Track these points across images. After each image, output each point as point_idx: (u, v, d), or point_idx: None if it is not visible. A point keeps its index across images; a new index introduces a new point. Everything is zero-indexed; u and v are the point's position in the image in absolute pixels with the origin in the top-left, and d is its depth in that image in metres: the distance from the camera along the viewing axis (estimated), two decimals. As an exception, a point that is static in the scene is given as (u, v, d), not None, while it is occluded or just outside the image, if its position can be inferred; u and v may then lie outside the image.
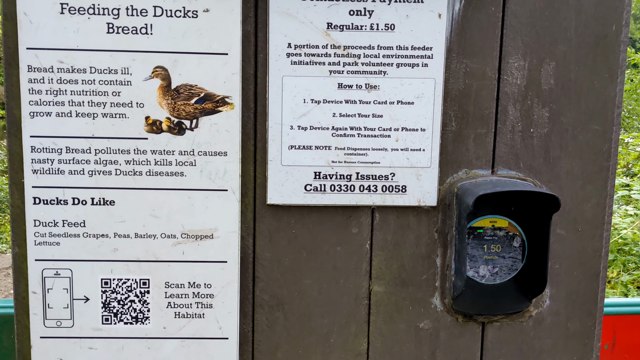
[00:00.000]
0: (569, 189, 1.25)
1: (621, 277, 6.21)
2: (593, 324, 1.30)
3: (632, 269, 6.35)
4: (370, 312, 1.28)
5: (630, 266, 6.40)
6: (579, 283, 1.29)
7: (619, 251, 6.73)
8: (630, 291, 5.92)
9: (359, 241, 1.26)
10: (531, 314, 1.29)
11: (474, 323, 1.29)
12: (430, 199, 1.24)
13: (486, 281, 1.27)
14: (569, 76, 1.22)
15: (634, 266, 6.40)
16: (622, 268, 6.39)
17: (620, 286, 6.01)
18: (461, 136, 1.23)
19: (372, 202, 1.24)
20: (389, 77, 1.20)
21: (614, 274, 6.30)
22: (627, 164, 9.07)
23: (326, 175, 1.22)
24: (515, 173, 1.24)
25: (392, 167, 1.23)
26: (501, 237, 1.26)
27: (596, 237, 1.27)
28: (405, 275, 1.27)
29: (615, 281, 6.09)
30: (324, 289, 1.27)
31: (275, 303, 1.27)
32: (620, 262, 6.47)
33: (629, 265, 6.40)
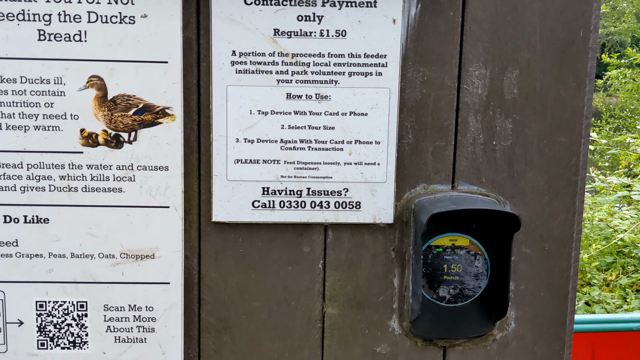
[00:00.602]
0: (534, 205, 1.18)
1: (619, 280, 6.14)
2: (561, 348, 1.23)
3: (631, 272, 6.28)
4: (324, 336, 1.21)
5: (629, 269, 6.32)
6: (546, 305, 1.21)
7: (618, 253, 6.65)
8: (628, 295, 5.85)
9: (311, 260, 1.18)
10: (495, 337, 1.21)
11: (435, 347, 1.22)
12: (386, 216, 1.17)
13: (446, 303, 1.19)
14: (534, 85, 1.14)
15: (633, 269, 6.33)
16: (621, 271, 6.32)
17: (619, 289, 5.94)
18: (419, 149, 1.15)
19: (324, 219, 1.16)
20: (341, 87, 1.12)
21: (612, 277, 6.23)
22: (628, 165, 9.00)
23: (275, 190, 1.15)
24: (477, 188, 1.17)
25: (345, 182, 1.15)
26: (462, 256, 1.18)
27: (564, 256, 1.19)
28: (361, 297, 1.19)
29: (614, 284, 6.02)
30: (275, 312, 1.19)
31: (222, 326, 1.19)
32: (619, 265, 6.40)
33: (628, 268, 6.33)
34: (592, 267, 6.39)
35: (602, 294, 5.85)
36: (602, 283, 6.29)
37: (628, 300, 5.83)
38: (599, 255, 6.54)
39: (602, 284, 6.27)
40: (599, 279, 6.32)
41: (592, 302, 5.84)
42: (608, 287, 6.17)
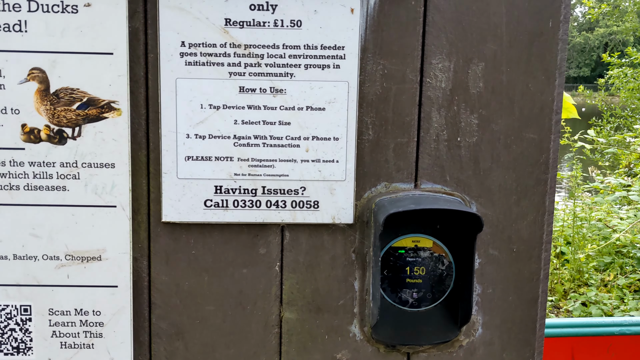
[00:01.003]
0: (501, 205, 1.12)
1: (617, 280, 6.08)
2: (531, 355, 1.17)
3: (629, 272, 6.22)
4: (282, 342, 1.15)
5: (627, 269, 6.27)
6: (514, 309, 1.15)
7: (617, 254, 6.60)
8: (626, 295, 5.79)
9: (267, 263, 1.13)
10: (462, 343, 1.16)
11: (398, 354, 1.16)
12: (346, 216, 1.11)
13: (409, 307, 1.14)
14: (500, 78, 1.08)
15: (632, 269, 6.28)
16: (619, 271, 6.27)
17: (616, 290, 5.89)
18: (379, 146, 1.10)
19: (281, 219, 1.11)
20: (297, 80, 1.06)
21: (610, 277, 6.18)
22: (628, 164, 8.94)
23: (228, 189, 1.09)
24: (441, 187, 1.11)
25: (302, 181, 1.09)
26: (425, 259, 1.13)
27: (533, 259, 1.14)
28: (320, 301, 1.14)
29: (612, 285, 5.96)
30: (229, 316, 1.14)
31: (174, 332, 1.13)
32: (617, 265, 6.35)
33: (627, 269, 6.27)
34: (589, 267, 6.34)
35: (599, 295, 5.80)
36: (600, 284, 6.24)
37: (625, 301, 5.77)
38: (598, 256, 6.49)
39: (599, 284, 6.22)
40: (597, 279, 6.26)
41: (589, 303, 5.78)
42: (606, 288, 6.11)
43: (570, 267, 6.27)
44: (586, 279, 6.23)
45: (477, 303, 1.14)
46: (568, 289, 6.03)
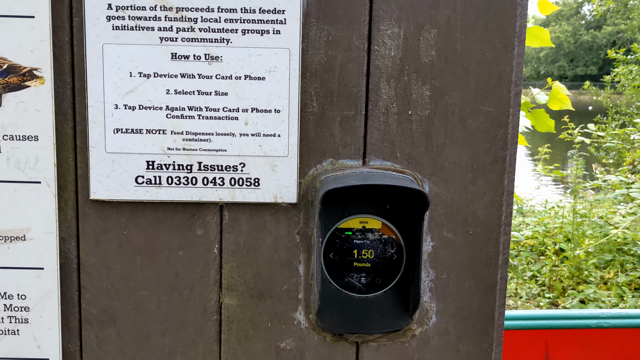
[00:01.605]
0: (456, 184, 1.04)
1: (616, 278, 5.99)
2: (489, 346, 1.09)
3: (629, 270, 6.13)
4: (222, 330, 1.07)
5: (628, 267, 6.18)
6: (471, 297, 1.07)
7: (618, 251, 6.51)
8: (625, 293, 5.70)
9: (205, 245, 1.05)
10: (414, 332, 1.08)
11: (346, 343, 1.08)
12: (289, 195, 1.03)
13: (357, 293, 1.06)
14: (454, 46, 1.00)
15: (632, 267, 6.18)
16: (619, 269, 6.17)
17: (616, 288, 5.80)
18: (325, 119, 1.02)
19: (219, 197, 1.03)
20: (234, 47, 0.99)
21: (610, 275, 6.09)
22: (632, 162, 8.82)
23: (161, 165, 1.01)
24: (391, 164, 1.03)
25: (241, 156, 1.02)
26: (374, 241, 1.05)
27: (491, 242, 1.06)
28: (263, 286, 1.06)
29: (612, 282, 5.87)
30: (165, 302, 1.06)
31: (105, 318, 1.06)
32: (618, 263, 6.26)
33: (627, 266, 6.18)
34: (589, 264, 6.25)
35: (598, 292, 5.70)
36: (600, 281, 6.15)
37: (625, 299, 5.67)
38: (598, 253, 6.40)
39: (599, 282, 6.13)
40: (596, 276, 6.17)
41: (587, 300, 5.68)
42: (605, 286, 6.02)
43: (569, 264, 6.18)
44: (586, 276, 6.15)
45: (430, 289, 1.06)
46: (567, 286, 5.94)
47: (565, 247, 6.46)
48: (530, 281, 6.10)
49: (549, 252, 6.48)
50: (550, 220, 7.11)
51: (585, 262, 6.28)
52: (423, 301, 1.07)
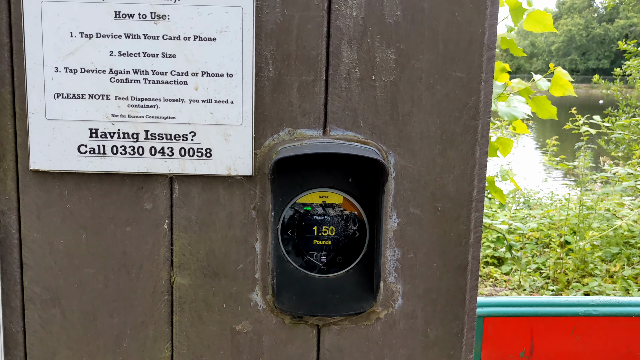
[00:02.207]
0: (424, 156, 0.96)
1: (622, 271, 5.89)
2: (460, 331, 1.01)
3: (636, 263, 6.03)
4: (173, 311, 1.01)
5: (634, 260, 6.07)
6: (440, 278, 1.00)
7: (625, 244, 6.40)
8: (631, 287, 5.59)
9: (154, 220, 0.98)
10: (379, 316, 1.00)
11: (306, 326, 1.01)
12: (244, 167, 0.96)
13: (318, 273, 0.99)
14: (421, 6, 0.92)
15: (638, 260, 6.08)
16: (626, 262, 6.07)
17: (621, 281, 5.70)
18: (282, 85, 0.94)
19: (168, 169, 0.96)
20: (182, 4, 0.91)
21: (616, 268, 5.99)
22: (642, 154, 8.68)
23: (105, 133, 0.94)
24: (354, 134, 0.95)
25: (191, 124, 0.94)
26: (335, 217, 0.97)
27: (461, 219, 0.98)
28: (217, 264, 0.99)
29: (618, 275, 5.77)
30: (112, 281, 0.99)
31: (49, 297, 1.00)
32: (624, 256, 6.16)
33: (634, 260, 6.07)
34: (594, 257, 6.15)
35: (603, 285, 5.60)
36: (605, 274, 6.05)
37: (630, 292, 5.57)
38: (604, 246, 6.30)
39: (605, 275, 6.03)
40: (602, 269, 6.07)
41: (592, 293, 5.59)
42: (611, 279, 5.92)
43: (574, 257, 6.08)
44: (591, 269, 6.05)
45: (396, 269, 0.99)
46: (571, 279, 5.84)
47: (571, 240, 6.36)
48: (535, 274, 6.01)
49: (554, 244, 6.39)
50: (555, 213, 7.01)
51: (590, 254, 6.18)
52: (388, 282, 0.99)
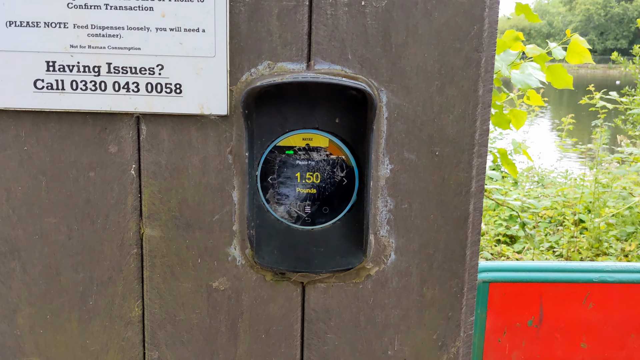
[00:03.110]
0: (420, 93, 0.85)
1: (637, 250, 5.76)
2: (460, 290, 0.91)
3: (652, 241, 5.88)
4: (144, 266, 0.92)
5: (651, 238, 5.93)
6: (437, 231, 0.90)
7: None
8: (647, 267, 5.46)
9: (120, 165, 0.89)
10: (369, 272, 0.91)
11: (289, 283, 0.92)
12: (218, 105, 0.86)
13: (301, 225, 0.89)
14: None
15: (655, 239, 5.93)
16: (642, 240, 5.93)
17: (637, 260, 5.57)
18: (259, 11, 0.84)
19: (134, 107, 0.86)
20: None
21: (632, 247, 5.86)
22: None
23: (64, 66, 0.85)
24: (341, 68, 0.85)
25: (158, 56, 0.84)
26: (320, 162, 0.87)
27: (462, 165, 0.87)
28: (190, 215, 0.90)
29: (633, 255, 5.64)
30: (75, 232, 0.90)
31: (8, 249, 0.91)
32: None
33: (650, 238, 5.93)
34: (609, 236, 6.02)
35: (618, 264, 5.47)
36: (620, 253, 5.91)
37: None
38: (620, 225, 6.16)
39: (619, 254, 5.89)
40: (617, 248, 5.94)
41: (606, 272, 5.45)
42: (626, 258, 5.79)
43: (588, 235, 5.94)
44: (605, 248, 5.91)
45: (388, 221, 0.89)
46: (585, 258, 5.72)
47: (585, 218, 6.22)
48: (548, 252, 5.89)
49: (568, 222, 6.25)
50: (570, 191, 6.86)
51: (605, 233, 6.05)
52: (380, 235, 0.89)
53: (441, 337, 0.93)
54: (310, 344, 0.93)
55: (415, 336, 0.93)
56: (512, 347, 1.50)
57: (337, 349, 0.93)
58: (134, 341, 0.93)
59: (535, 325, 1.49)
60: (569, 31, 3.32)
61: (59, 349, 0.94)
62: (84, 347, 0.94)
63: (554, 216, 6.62)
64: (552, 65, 3.27)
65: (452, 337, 0.93)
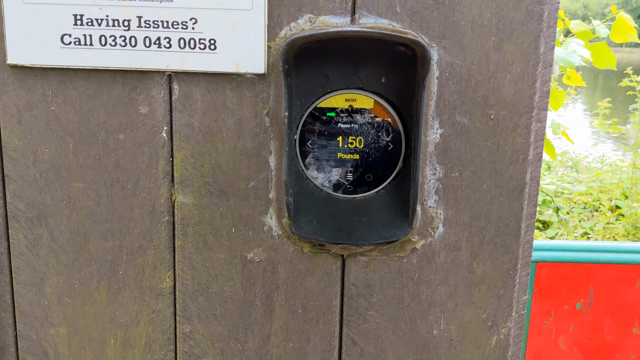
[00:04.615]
0: (474, 50, 0.78)
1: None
2: (513, 266, 0.85)
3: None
4: (175, 235, 0.87)
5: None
6: (490, 202, 0.83)
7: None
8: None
9: (151, 126, 0.83)
10: (415, 246, 0.84)
11: (328, 256, 0.86)
12: (255, 63, 0.80)
13: (342, 193, 0.83)
14: None
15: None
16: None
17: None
18: (301, -40, 0.77)
19: (165, 65, 0.81)
20: None
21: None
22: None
23: (92, 20, 0.80)
24: (389, 22, 0.78)
25: (192, 9, 0.79)
26: (364, 126, 0.81)
27: (519, 130, 0.80)
28: (224, 181, 0.84)
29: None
30: (105, 197, 0.86)
31: (35, 215, 0.87)
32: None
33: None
34: (647, 220, 5.82)
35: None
36: (661, 239, 5.73)
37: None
38: (660, 208, 5.95)
39: (659, 240, 5.71)
40: (656, 234, 5.75)
41: (643, 260, 5.28)
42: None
43: (625, 222, 5.77)
44: (643, 235, 5.73)
45: (437, 191, 0.82)
46: (626, 244, 5.54)
47: (622, 204, 6.04)
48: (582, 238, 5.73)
49: (604, 208, 6.07)
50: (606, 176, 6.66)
51: (643, 218, 5.85)
52: (427, 206, 0.83)
53: (491, 316, 0.86)
54: (349, 321, 0.88)
55: (463, 315, 0.86)
56: (559, 331, 1.42)
57: (379, 327, 0.87)
58: (165, 313, 0.89)
59: (585, 309, 1.40)
60: (614, 7, 3.17)
61: (87, 319, 0.90)
62: (113, 318, 0.90)
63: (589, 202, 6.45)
64: (596, 44, 3.13)
65: (503, 317, 0.86)
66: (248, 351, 0.89)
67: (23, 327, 0.91)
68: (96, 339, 0.91)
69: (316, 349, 0.89)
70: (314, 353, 0.89)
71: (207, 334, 0.89)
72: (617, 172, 6.56)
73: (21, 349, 0.92)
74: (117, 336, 0.90)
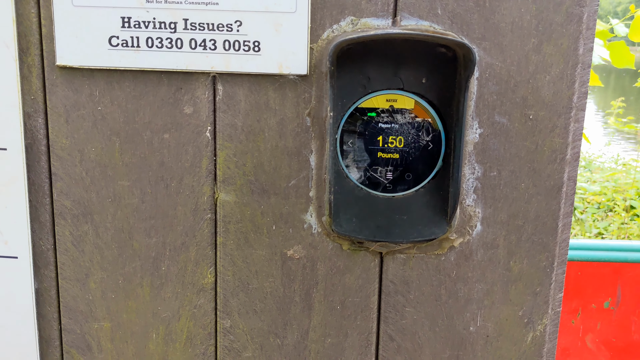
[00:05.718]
0: (514, 51, 0.79)
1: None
2: (550, 264, 0.86)
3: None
4: (217, 232, 0.89)
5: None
6: (528, 201, 0.84)
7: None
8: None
9: (195, 126, 0.86)
10: (453, 244, 0.86)
11: (367, 253, 0.88)
12: (298, 64, 0.82)
13: (382, 192, 0.85)
14: None
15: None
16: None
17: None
18: (344, -36, 0.79)
19: (210, 66, 0.83)
20: None
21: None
22: None
23: (139, 22, 0.82)
24: (430, 24, 0.79)
25: (237, 12, 0.81)
26: (404, 125, 0.82)
27: (557, 130, 0.81)
28: (266, 180, 0.86)
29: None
30: (149, 195, 0.88)
31: (81, 212, 0.89)
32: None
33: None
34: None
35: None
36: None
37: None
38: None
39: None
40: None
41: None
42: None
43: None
44: (658, 236, 5.70)
45: (475, 190, 0.84)
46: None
47: (637, 204, 6.01)
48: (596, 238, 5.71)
49: (619, 208, 6.04)
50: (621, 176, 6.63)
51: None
52: (465, 205, 0.84)
53: (527, 313, 0.88)
54: (387, 317, 0.89)
55: (499, 312, 0.88)
56: (587, 329, 1.43)
57: (416, 324, 0.89)
58: (206, 309, 0.91)
59: (612, 307, 1.42)
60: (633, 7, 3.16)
61: (130, 314, 0.92)
62: (156, 313, 0.92)
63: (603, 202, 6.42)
64: (614, 42, 3.13)
65: (539, 314, 0.88)
66: (287, 346, 0.91)
67: (67, 322, 0.93)
68: (138, 334, 0.93)
69: (354, 344, 0.90)
70: (352, 348, 0.91)
71: (247, 329, 0.91)
72: (632, 171, 6.52)
73: (65, 343, 0.94)
74: (159, 331, 0.92)
